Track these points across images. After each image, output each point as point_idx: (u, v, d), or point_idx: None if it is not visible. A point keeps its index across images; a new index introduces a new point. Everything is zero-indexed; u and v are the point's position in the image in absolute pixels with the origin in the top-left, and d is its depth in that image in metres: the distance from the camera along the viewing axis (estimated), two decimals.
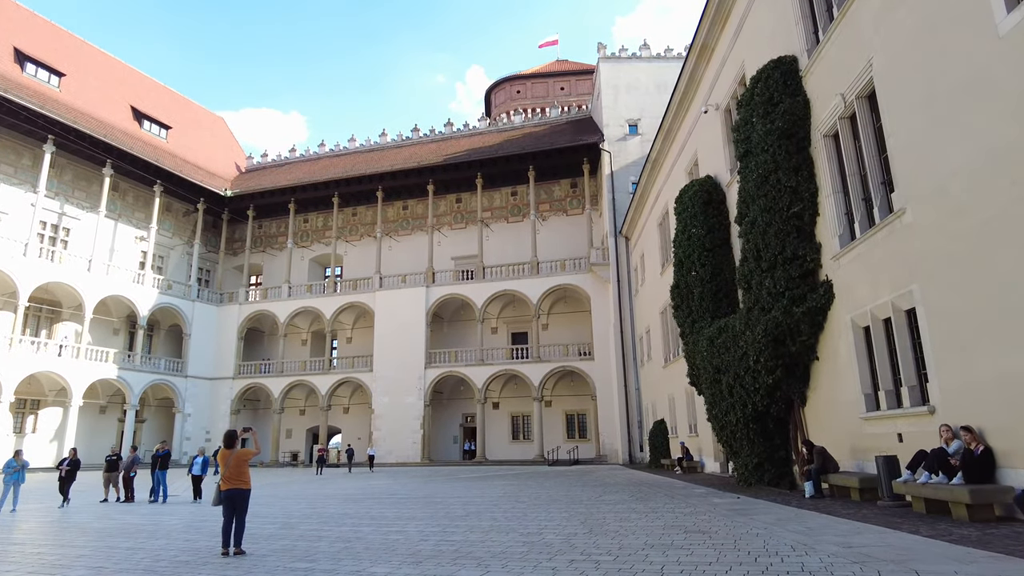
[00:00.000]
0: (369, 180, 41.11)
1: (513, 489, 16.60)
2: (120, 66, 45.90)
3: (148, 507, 14.68)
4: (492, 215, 41.47)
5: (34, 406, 34.82)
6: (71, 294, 34.74)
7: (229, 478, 7.13)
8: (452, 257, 41.03)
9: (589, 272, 35.32)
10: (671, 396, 25.43)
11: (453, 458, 38.76)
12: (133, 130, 41.15)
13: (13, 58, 36.11)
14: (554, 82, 55.52)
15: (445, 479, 23.31)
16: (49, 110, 33.18)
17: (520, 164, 38.56)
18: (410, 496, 15.60)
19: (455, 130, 45.42)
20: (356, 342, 42.16)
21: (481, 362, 36.31)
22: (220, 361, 41.42)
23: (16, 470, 13.89)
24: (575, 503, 12.14)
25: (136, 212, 40.93)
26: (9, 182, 34.46)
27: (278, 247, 46.11)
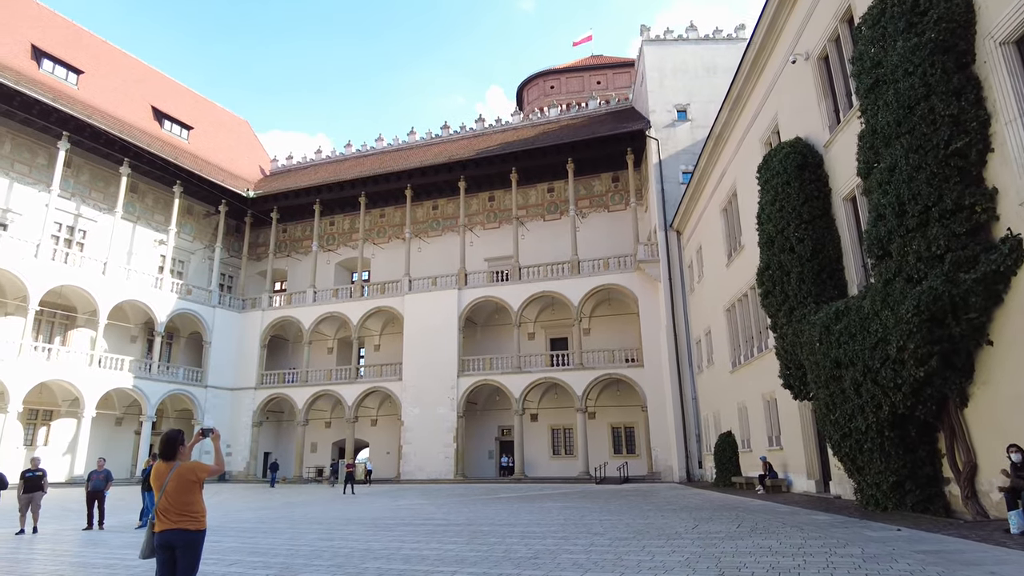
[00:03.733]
0: (397, 178, 38.76)
1: (574, 514, 13.64)
2: (141, 66, 44.46)
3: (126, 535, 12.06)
4: (527, 213, 38.75)
5: (46, 417, 32.86)
6: (86, 299, 32.81)
7: (166, 511, 4.23)
8: (485, 258, 38.35)
9: (636, 271, 32.29)
10: (741, 405, 22.24)
11: (488, 474, 35.81)
12: (153, 129, 39.49)
13: (30, 55, 34.65)
14: (590, 76, 52.85)
15: (485, 499, 20.43)
16: (63, 104, 31.49)
17: (557, 157, 35.83)
18: (449, 522, 12.76)
19: (487, 126, 42.96)
20: (384, 349, 39.62)
21: (518, 370, 33.42)
22: (242, 370, 39.20)
23: None
24: (673, 537, 9.17)
25: (155, 214, 39.15)
26: (23, 181, 32.84)
27: (303, 251, 43.97)
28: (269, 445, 40.45)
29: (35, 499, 12.59)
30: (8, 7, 36.14)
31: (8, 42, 33.51)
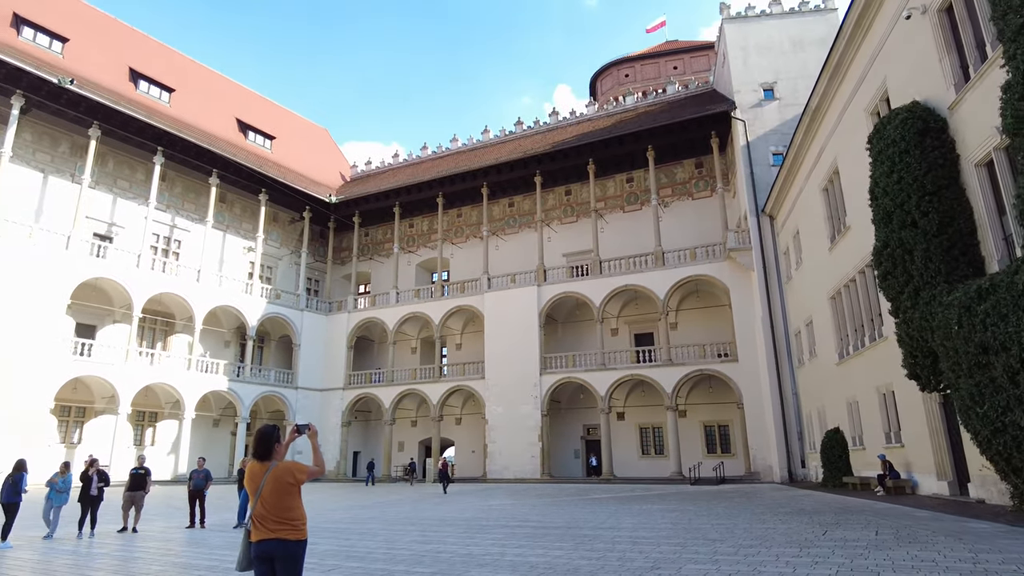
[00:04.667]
0: (473, 176, 38.57)
1: (679, 518, 12.72)
2: (225, 82, 46.36)
3: (225, 535, 12.07)
4: (606, 205, 37.68)
5: (152, 418, 34.60)
6: (183, 305, 34.32)
7: (263, 519, 3.70)
8: (564, 253, 37.57)
9: (726, 260, 30.69)
10: (851, 399, 20.54)
11: (575, 474, 35.03)
12: (239, 141, 40.98)
13: (128, 77, 36.65)
14: (665, 61, 51.11)
15: (577, 500, 19.70)
16: (157, 120, 33.04)
17: (636, 145, 34.60)
18: (547, 525, 12.13)
19: (561, 119, 42.16)
20: (466, 348, 39.55)
21: (603, 367, 32.46)
22: (330, 371, 40.10)
23: (51, 483, 11.57)
24: (805, 545, 8.17)
25: (244, 223, 40.61)
26: (125, 196, 34.69)
27: (384, 254, 44.59)
28: (357, 444, 41.19)
29: (137, 498, 12.68)
30: (108, 34, 38.39)
31: (109, 66, 35.53)
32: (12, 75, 28.35)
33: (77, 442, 31.10)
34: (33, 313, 27.49)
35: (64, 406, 30.19)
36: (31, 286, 27.51)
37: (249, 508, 3.79)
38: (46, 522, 11.52)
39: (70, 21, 35.42)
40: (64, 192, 31.86)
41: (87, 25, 37.05)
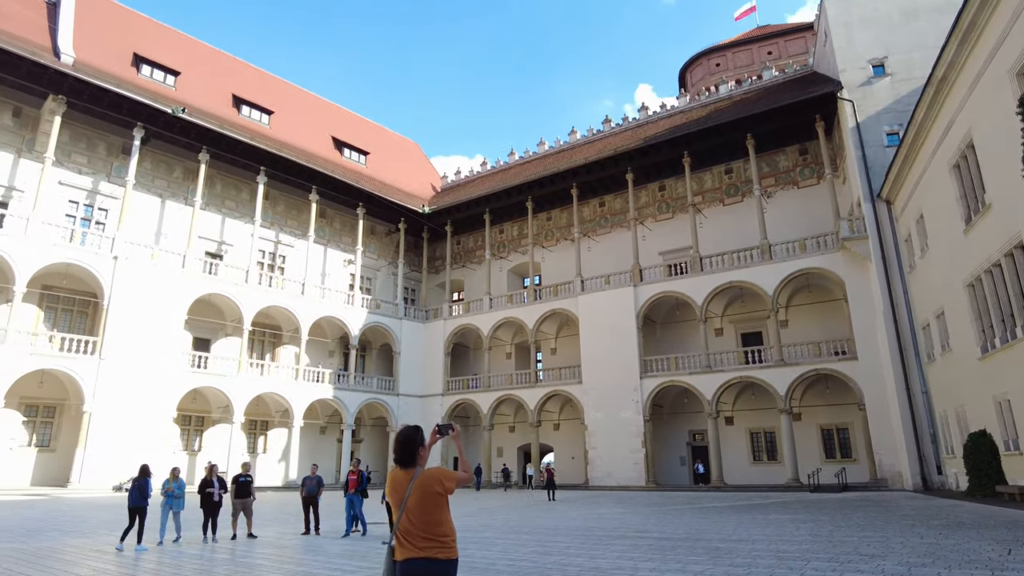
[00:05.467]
0: (562, 178, 38.04)
1: (816, 528, 11.59)
2: (320, 101, 48.24)
3: (342, 543, 12.04)
4: (704, 199, 36.10)
5: (263, 427, 36.16)
6: (289, 318, 35.73)
7: (408, 534, 3.26)
8: (660, 252, 36.29)
9: (839, 250, 28.55)
10: (1000, 397, 18.33)
11: (681, 482, 33.60)
12: (335, 158, 42.41)
13: (231, 103, 38.75)
14: (758, 47, 48.71)
15: (691, 509, 18.66)
16: (259, 141, 34.67)
17: (734, 134, 32.91)
18: (670, 536, 11.34)
19: (650, 114, 40.94)
20: (561, 352, 38.98)
21: (708, 369, 30.97)
22: (429, 378, 40.67)
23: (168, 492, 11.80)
24: (995, 567, 7.03)
25: (343, 237, 41.93)
26: (232, 215, 36.59)
27: (476, 261, 44.85)
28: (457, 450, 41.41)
29: (246, 505, 12.76)
30: (214, 65, 40.84)
31: (215, 94, 37.70)
32: (134, 109, 30.52)
33: (197, 450, 32.91)
34: (156, 329, 29.35)
35: (185, 416, 32.01)
36: (154, 304, 29.40)
37: (393, 521, 3.38)
38: (162, 528, 11.75)
39: (181, 56, 37.88)
40: (179, 214, 33.96)
41: (196, 58, 39.51)
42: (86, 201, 31.35)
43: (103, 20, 35.44)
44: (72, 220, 30.46)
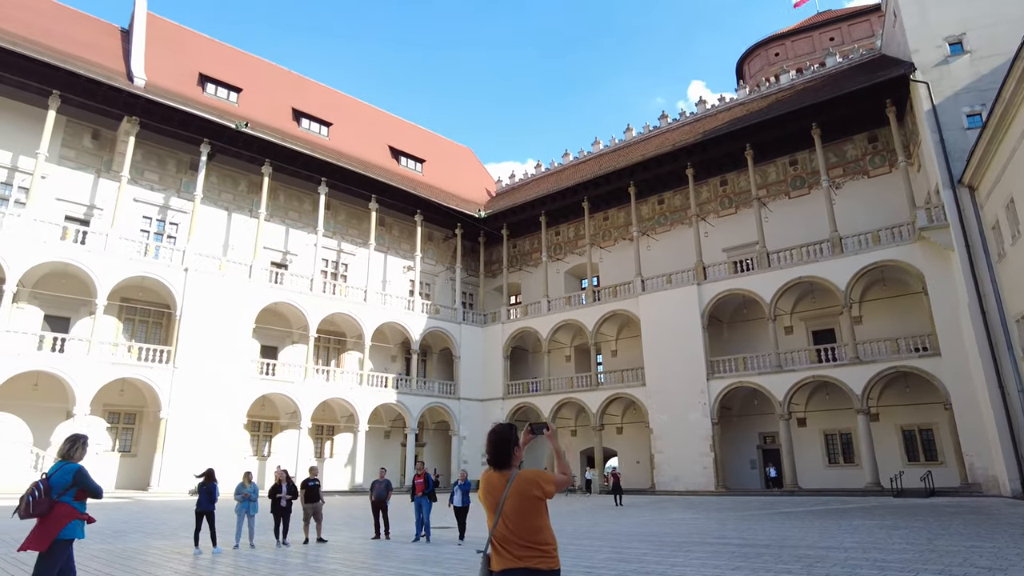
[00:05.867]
0: (618, 176, 37.42)
1: (912, 536, 10.80)
2: (376, 112, 49.10)
3: (412, 548, 11.95)
4: (768, 192, 34.84)
5: (329, 432, 36.85)
6: (352, 324, 36.34)
7: (506, 543, 3.01)
8: (723, 248, 35.21)
9: (916, 241, 27.00)
10: None
11: (752, 485, 32.41)
12: (392, 166, 43.00)
13: (291, 116, 39.82)
14: (820, 34, 46.85)
15: (768, 514, 17.86)
16: (319, 152, 35.48)
17: (798, 124, 31.62)
18: (752, 542, 10.78)
19: (708, 108, 39.88)
20: (622, 354, 38.29)
21: (778, 369, 29.79)
22: (489, 382, 40.67)
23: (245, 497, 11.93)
24: None
25: (402, 244, 42.45)
26: (295, 226, 37.54)
27: (533, 264, 44.64)
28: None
29: (316, 509, 12.76)
30: (273, 80, 42.08)
31: (275, 108, 38.81)
32: (200, 126, 31.69)
33: (267, 455, 33.78)
34: (226, 338, 30.30)
35: (255, 421, 32.89)
36: (223, 313, 30.36)
37: (490, 527, 3.12)
38: (237, 531, 11.88)
39: (242, 73, 39.18)
40: (245, 226, 35.03)
41: (256, 75, 40.80)
42: (158, 216, 32.72)
43: (171, 43, 36.99)
44: (146, 235, 31.81)
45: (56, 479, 4.91)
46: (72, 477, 4.92)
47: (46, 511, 4.76)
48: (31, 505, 4.73)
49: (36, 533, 4.79)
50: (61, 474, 4.94)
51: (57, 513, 4.80)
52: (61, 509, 4.83)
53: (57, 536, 4.76)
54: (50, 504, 4.78)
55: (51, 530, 4.76)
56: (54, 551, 4.78)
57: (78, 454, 5.12)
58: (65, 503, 4.86)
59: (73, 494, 4.91)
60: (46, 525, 4.78)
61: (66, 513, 4.84)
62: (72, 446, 5.12)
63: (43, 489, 4.80)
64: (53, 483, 4.88)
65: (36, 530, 4.80)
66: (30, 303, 28.01)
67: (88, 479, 5.02)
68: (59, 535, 4.77)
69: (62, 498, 4.85)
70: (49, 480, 4.89)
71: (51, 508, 4.78)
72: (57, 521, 4.79)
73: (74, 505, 4.93)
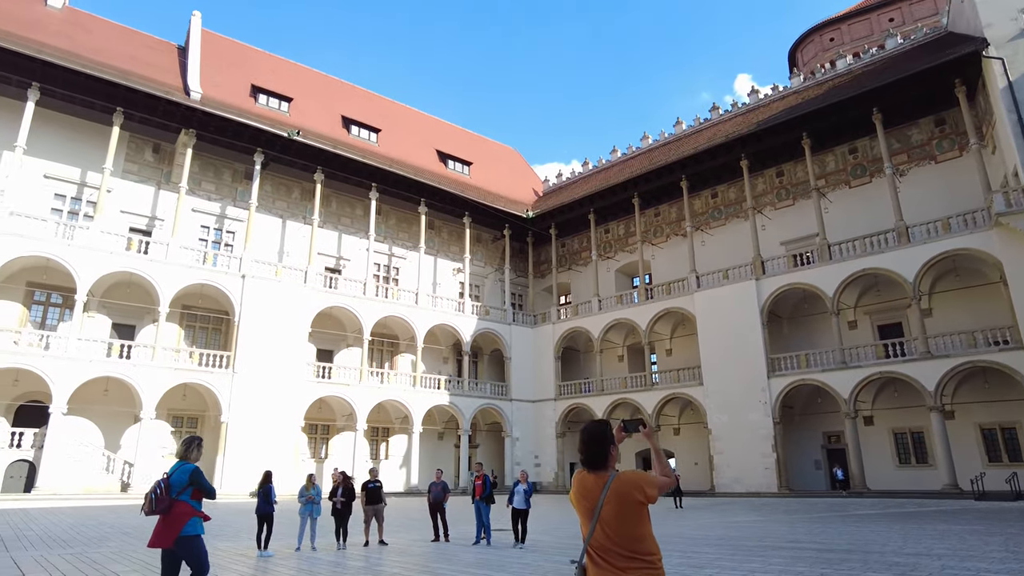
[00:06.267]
0: (669, 171, 36.60)
1: (1010, 543, 10.00)
2: (423, 117, 49.48)
3: (474, 551, 11.74)
4: (827, 182, 33.49)
5: (384, 433, 37.19)
6: (404, 327, 36.61)
7: (605, 553, 2.68)
8: (781, 242, 34.02)
9: (993, 227, 25.40)
10: None
11: (816, 487, 31.17)
12: (440, 170, 43.17)
13: (341, 124, 40.43)
14: (878, 15, 44.91)
15: (839, 517, 17.02)
16: (369, 158, 35.90)
17: (858, 110, 30.26)
18: (830, 547, 10.18)
19: (761, 98, 38.70)
20: (677, 353, 37.42)
21: (843, 365, 28.55)
22: (540, 383, 40.37)
23: (309, 500, 11.86)
24: None
25: (451, 246, 42.60)
26: (348, 231, 38.09)
27: (582, 263, 44.14)
28: (573, 455, 40.72)
29: (378, 511, 12.63)
30: (323, 89, 42.84)
31: (325, 117, 39.48)
32: (254, 136, 32.46)
33: (324, 457, 34.28)
34: (283, 342, 30.88)
35: (312, 424, 33.42)
36: (280, 318, 30.96)
37: (584, 536, 2.80)
38: (299, 534, 11.82)
39: (293, 83, 40.00)
40: (299, 233, 35.71)
41: (306, 84, 41.59)
42: (215, 225, 33.64)
43: (224, 57, 38.04)
44: (204, 243, 32.75)
45: (175, 478, 5.14)
46: (189, 477, 5.16)
47: (167, 509, 5.01)
48: (154, 503, 4.99)
49: (160, 531, 5.02)
50: (179, 474, 5.18)
51: (177, 511, 5.04)
52: (181, 507, 5.06)
53: (180, 533, 4.99)
54: (170, 502, 5.02)
55: (174, 527, 4.99)
56: (181, 547, 5.02)
57: (193, 455, 5.37)
58: (184, 501, 5.09)
59: (190, 493, 5.14)
60: (168, 523, 5.02)
61: (185, 511, 5.06)
62: (188, 447, 5.37)
63: (164, 488, 5.04)
64: (172, 482, 5.12)
65: (160, 528, 5.04)
66: (99, 312, 29.14)
67: (203, 479, 5.26)
68: (181, 532, 4.99)
69: (181, 496, 5.08)
70: (169, 479, 5.14)
71: (171, 506, 5.02)
72: (178, 519, 5.02)
73: (191, 503, 5.15)
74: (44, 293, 28.53)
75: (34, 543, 11.71)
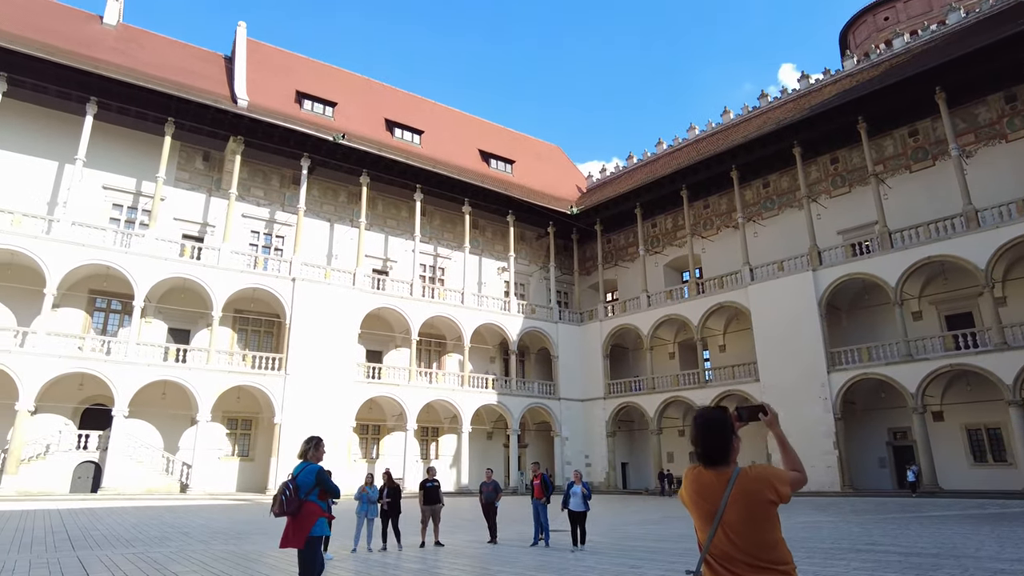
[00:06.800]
0: (719, 161, 35.56)
1: None
2: (465, 117, 49.46)
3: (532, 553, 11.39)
4: (886, 167, 31.99)
5: (433, 433, 37.22)
6: (451, 327, 36.58)
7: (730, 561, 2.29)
8: (838, 231, 32.67)
9: None
10: None
11: (881, 486, 29.79)
12: (482, 169, 43.03)
13: (384, 126, 40.69)
14: None
15: (912, 518, 16.08)
16: (413, 160, 36.01)
17: (919, 89, 28.76)
18: (913, 550, 9.49)
19: (812, 83, 37.36)
20: (731, 349, 36.36)
21: (908, 358, 27.17)
22: (588, 381, 39.78)
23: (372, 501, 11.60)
24: None
25: (495, 245, 42.40)
26: (393, 233, 38.31)
27: (629, 258, 43.37)
28: (624, 455, 40.12)
29: (435, 511, 12.37)
30: (366, 94, 43.23)
31: (369, 120, 39.78)
32: (300, 141, 32.86)
33: (375, 457, 34.49)
34: (333, 344, 31.16)
35: (363, 424, 33.65)
36: (329, 320, 31.24)
37: (704, 541, 2.39)
38: (356, 535, 11.63)
39: (336, 88, 40.44)
40: (346, 236, 36.06)
41: (350, 89, 42.01)
42: (265, 230, 34.21)
43: (269, 65, 38.71)
44: (255, 248, 33.31)
45: (302, 479, 5.14)
46: (315, 477, 5.15)
47: (296, 510, 5.01)
48: (284, 504, 5.00)
49: (292, 531, 5.04)
50: (305, 474, 5.16)
51: (306, 512, 5.04)
52: (309, 508, 5.06)
53: (309, 534, 5.01)
54: (299, 503, 5.03)
55: (304, 528, 5.00)
56: (310, 547, 5.04)
57: (317, 455, 5.37)
58: (312, 502, 5.09)
59: (317, 493, 5.14)
60: (299, 523, 5.02)
61: (314, 511, 5.07)
62: (310, 448, 5.38)
63: (293, 489, 5.04)
64: (299, 483, 5.11)
65: (291, 529, 5.05)
66: (156, 317, 29.92)
67: (328, 479, 5.27)
68: (310, 532, 5.00)
69: (308, 497, 5.08)
70: (296, 480, 5.13)
71: (300, 507, 5.02)
72: (307, 519, 5.02)
73: (318, 503, 5.15)
74: (105, 300, 29.43)
75: (99, 542, 11.89)
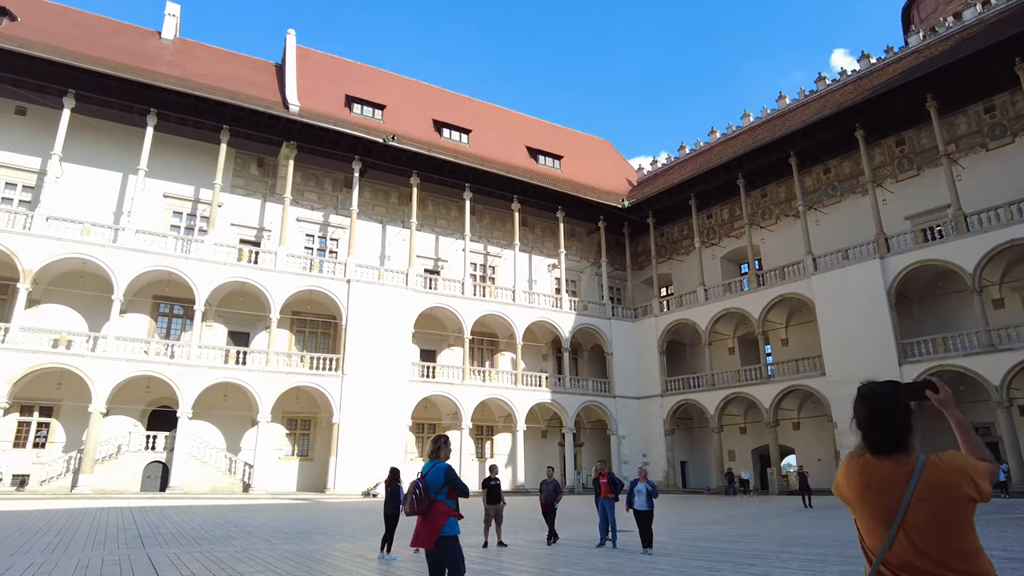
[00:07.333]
0: (776, 147, 34.23)
1: None
2: (511, 115, 49.23)
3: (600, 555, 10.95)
4: (957, 147, 30.19)
5: (488, 432, 37.07)
6: (503, 325, 36.37)
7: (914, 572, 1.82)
8: (906, 216, 31.01)
9: None
10: None
11: None
12: (531, 166, 42.68)
13: (432, 127, 40.80)
14: None
15: (1009, 519, 14.97)
16: (461, 159, 35.99)
17: (994, 62, 26.99)
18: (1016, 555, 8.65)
19: (873, 63, 35.59)
20: (794, 343, 34.98)
21: (990, 348, 25.49)
22: (644, 378, 38.92)
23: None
24: None
25: (545, 242, 42.01)
26: (444, 233, 38.37)
27: (683, 252, 42.31)
28: (683, 453, 39.15)
29: (498, 511, 12.03)
30: (414, 95, 43.42)
31: (417, 121, 39.93)
32: (350, 144, 33.22)
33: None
34: (388, 344, 31.35)
35: (418, 423, 33.73)
36: (384, 321, 31.45)
37: (875, 546, 1.97)
38: None
39: (385, 91, 40.76)
40: (398, 237, 36.28)
41: (398, 91, 42.26)
42: (319, 233, 34.72)
43: (319, 70, 39.30)
44: (310, 251, 33.84)
45: (431, 478, 5.12)
46: (444, 476, 5.12)
47: (427, 509, 5.00)
48: (415, 503, 5.00)
49: (423, 531, 5.04)
50: (434, 473, 5.14)
51: (437, 511, 5.02)
52: (439, 507, 5.04)
53: (440, 533, 4.98)
54: (430, 503, 5.02)
55: (434, 528, 4.99)
56: (441, 547, 5.00)
57: (444, 453, 5.34)
58: (441, 501, 5.06)
59: (446, 492, 5.11)
60: (430, 523, 5.01)
61: (443, 511, 5.04)
62: (438, 446, 5.35)
63: (423, 488, 5.04)
64: (429, 482, 5.09)
65: (422, 528, 5.05)
66: (216, 321, 30.68)
67: (457, 478, 5.21)
68: (441, 532, 4.98)
69: (438, 496, 5.06)
70: (425, 479, 5.11)
71: (430, 506, 5.02)
72: (437, 519, 5.01)
73: (448, 503, 5.11)
74: (168, 305, 30.36)
75: (168, 540, 12.05)
